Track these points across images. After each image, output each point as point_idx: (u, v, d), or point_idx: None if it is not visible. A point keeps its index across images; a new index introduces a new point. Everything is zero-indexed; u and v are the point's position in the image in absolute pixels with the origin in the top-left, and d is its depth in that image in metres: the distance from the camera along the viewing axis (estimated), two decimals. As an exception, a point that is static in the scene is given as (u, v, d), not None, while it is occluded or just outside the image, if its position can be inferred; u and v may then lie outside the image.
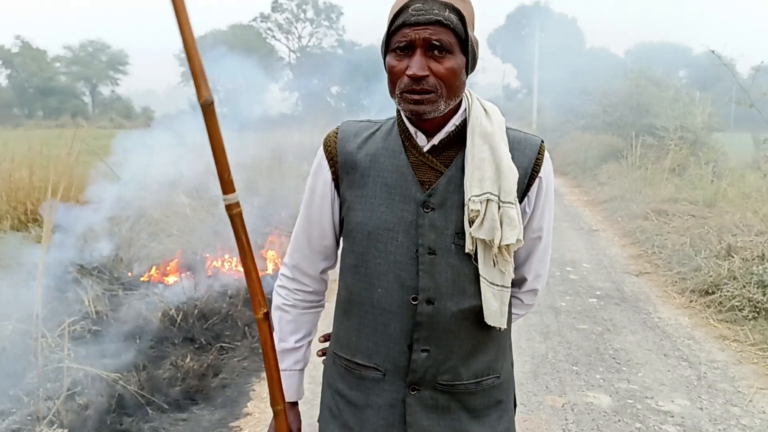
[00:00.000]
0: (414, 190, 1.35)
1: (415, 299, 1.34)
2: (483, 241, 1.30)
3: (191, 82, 1.15)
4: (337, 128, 1.46)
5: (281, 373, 1.46)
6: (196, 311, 4.84)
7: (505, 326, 1.38)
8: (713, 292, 5.62)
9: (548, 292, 5.99)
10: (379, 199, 1.37)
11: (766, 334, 4.76)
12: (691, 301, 5.71)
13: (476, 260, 1.33)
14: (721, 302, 5.40)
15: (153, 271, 5.88)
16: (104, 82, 48.04)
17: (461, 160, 1.35)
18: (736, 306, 5.24)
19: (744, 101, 6.89)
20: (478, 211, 1.29)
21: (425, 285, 1.33)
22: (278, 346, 1.51)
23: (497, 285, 1.33)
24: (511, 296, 1.41)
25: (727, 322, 5.14)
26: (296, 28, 49.56)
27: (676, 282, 6.29)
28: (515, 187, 1.30)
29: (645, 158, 12.61)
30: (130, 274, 5.85)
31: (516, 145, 1.37)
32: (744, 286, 5.41)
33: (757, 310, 5.12)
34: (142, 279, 5.73)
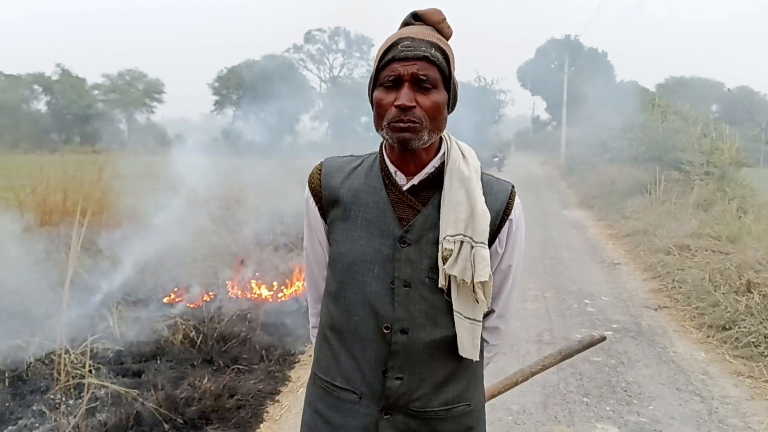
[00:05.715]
0: (392, 226, 1.43)
1: (387, 328, 1.42)
2: (456, 277, 1.39)
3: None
4: (321, 164, 1.55)
5: None
6: (215, 334, 4.98)
7: (477, 358, 1.46)
8: (730, 328, 5.58)
9: (564, 323, 6.02)
10: (360, 232, 1.46)
11: (782, 371, 4.72)
12: (708, 336, 5.68)
13: (449, 295, 1.42)
14: (737, 338, 5.37)
15: (177, 295, 6.04)
16: (140, 110, 49.24)
17: (437, 200, 1.43)
18: (753, 342, 5.20)
19: (764, 138, 6.87)
20: (452, 250, 1.38)
21: (399, 316, 1.42)
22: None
23: (470, 318, 1.42)
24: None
25: (742, 358, 5.11)
26: (328, 58, 50.38)
27: (694, 317, 6.26)
28: (488, 229, 1.39)
29: (670, 192, 12.55)
30: (154, 297, 6.03)
31: (489, 189, 1.46)
32: (761, 322, 5.37)
33: (774, 346, 5.07)
34: (165, 301, 5.90)
